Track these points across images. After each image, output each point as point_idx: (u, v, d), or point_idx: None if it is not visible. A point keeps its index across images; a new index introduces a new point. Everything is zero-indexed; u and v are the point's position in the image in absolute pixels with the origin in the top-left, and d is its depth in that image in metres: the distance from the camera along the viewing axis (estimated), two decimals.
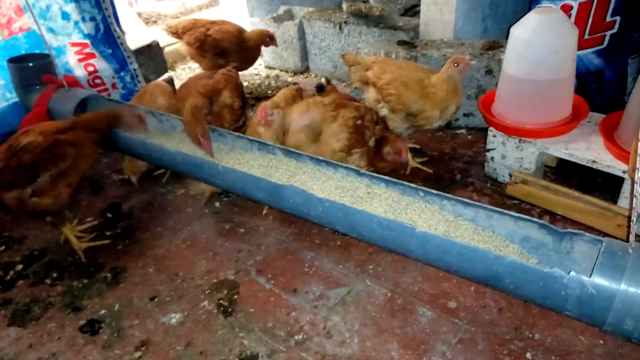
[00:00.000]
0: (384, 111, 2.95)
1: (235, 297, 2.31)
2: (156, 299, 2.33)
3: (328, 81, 3.18)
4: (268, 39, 4.08)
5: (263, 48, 4.29)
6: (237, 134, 2.65)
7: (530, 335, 2.00)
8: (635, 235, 1.59)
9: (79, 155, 2.47)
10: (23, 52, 3.55)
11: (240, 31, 4.08)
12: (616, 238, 1.72)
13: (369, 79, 2.96)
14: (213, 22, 4.12)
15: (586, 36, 2.90)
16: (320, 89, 2.95)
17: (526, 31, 2.53)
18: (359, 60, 3.10)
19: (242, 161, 2.52)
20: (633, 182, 1.53)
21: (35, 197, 2.37)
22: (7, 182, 2.34)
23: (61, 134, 2.45)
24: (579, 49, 2.71)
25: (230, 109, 2.88)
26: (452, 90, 2.75)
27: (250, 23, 5.07)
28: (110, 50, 3.76)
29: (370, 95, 3.00)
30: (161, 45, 4.54)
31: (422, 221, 1.99)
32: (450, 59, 2.77)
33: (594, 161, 2.46)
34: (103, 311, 2.29)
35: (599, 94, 3.10)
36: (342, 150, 2.53)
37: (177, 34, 4.14)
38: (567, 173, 2.89)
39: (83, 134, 2.52)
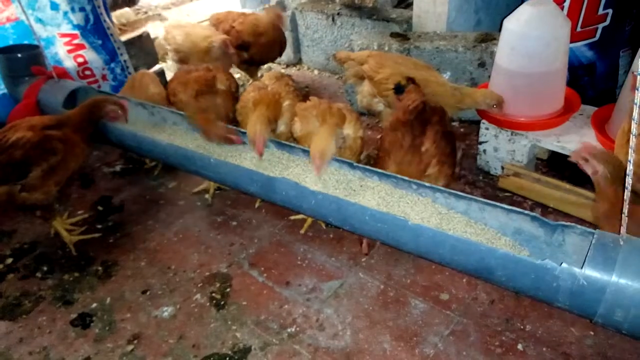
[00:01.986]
0: (380, 106, 2.93)
1: (228, 290, 2.30)
2: (148, 292, 2.32)
3: (412, 80, 2.64)
4: (276, 16, 3.88)
5: None
6: (230, 126, 2.62)
7: (522, 327, 2.02)
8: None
9: (69, 154, 2.44)
10: (11, 42, 3.49)
11: (257, 19, 3.91)
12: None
13: (365, 72, 2.93)
14: (242, 14, 4.04)
15: (578, 29, 2.90)
16: (399, 91, 2.63)
17: (519, 23, 2.53)
18: (352, 56, 3.06)
19: (235, 154, 2.51)
20: (625, 174, 1.53)
21: (25, 192, 2.35)
22: None
23: (51, 130, 2.42)
24: (571, 41, 2.71)
25: (228, 95, 2.85)
26: (456, 101, 2.70)
27: None
28: (100, 41, 3.71)
29: (365, 89, 2.97)
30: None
31: (414, 214, 2.00)
32: (493, 96, 2.66)
33: None
34: (94, 305, 2.27)
35: (591, 86, 3.10)
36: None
37: (215, 25, 4.05)
38: (558, 166, 2.90)
39: (73, 134, 2.49)
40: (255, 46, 3.89)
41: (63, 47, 3.61)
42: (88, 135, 2.58)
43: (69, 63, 3.66)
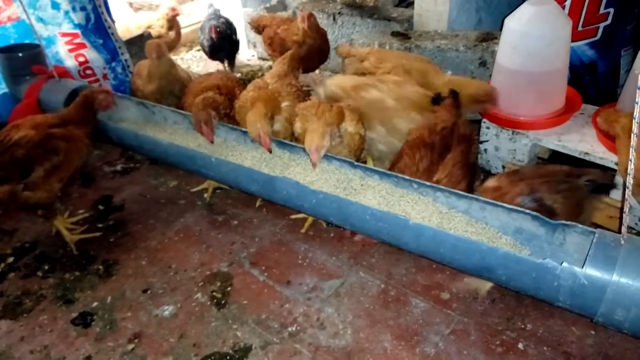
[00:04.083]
0: None
1: (229, 289, 2.30)
2: (149, 291, 2.32)
3: (454, 94, 2.50)
4: (301, 19, 3.57)
5: (256, 39, 4.20)
6: (230, 125, 2.63)
7: (523, 326, 2.02)
8: (627, 226, 1.59)
9: (72, 150, 2.45)
10: (12, 42, 3.50)
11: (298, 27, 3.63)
12: (608, 230, 1.73)
13: (366, 69, 2.93)
14: (286, 20, 3.87)
15: (580, 28, 2.90)
16: (436, 101, 2.49)
17: (520, 22, 2.52)
18: (353, 52, 3.06)
19: (235, 153, 2.51)
20: (625, 174, 1.53)
21: (28, 191, 2.35)
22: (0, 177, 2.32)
23: (53, 129, 2.42)
24: (573, 40, 2.71)
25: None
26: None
27: (243, 13, 5.02)
28: (101, 41, 3.72)
29: None
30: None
31: (415, 213, 2.00)
32: (481, 90, 2.58)
33: (586, 153, 2.46)
34: (95, 303, 2.27)
35: (592, 85, 3.10)
36: None
37: (258, 29, 3.96)
38: (559, 165, 2.89)
39: (75, 129, 2.50)
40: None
41: (64, 47, 3.62)
42: (90, 129, 2.59)
43: (70, 62, 3.66)
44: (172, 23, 4.55)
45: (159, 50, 3.04)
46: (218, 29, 3.96)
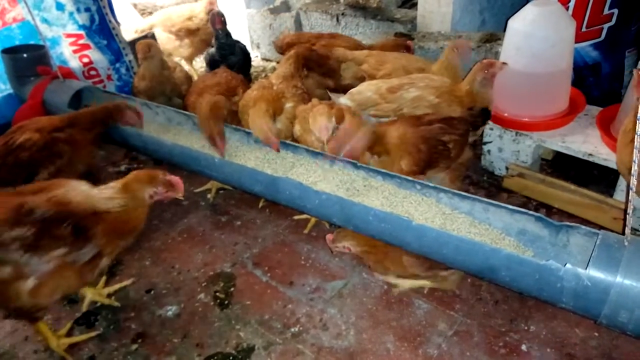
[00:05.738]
0: None
1: (232, 289, 2.31)
2: (152, 292, 2.33)
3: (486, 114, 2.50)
4: (404, 50, 3.21)
5: (259, 39, 4.12)
6: (233, 126, 2.63)
7: (526, 328, 2.01)
8: (631, 228, 1.59)
9: (76, 155, 2.45)
10: (17, 42, 3.51)
11: (358, 46, 3.27)
12: (612, 231, 1.73)
13: (365, 72, 2.92)
14: (319, 36, 3.49)
15: (584, 29, 2.89)
16: (486, 115, 2.49)
17: (524, 23, 2.52)
18: (349, 56, 3.02)
19: (239, 153, 2.52)
20: (629, 175, 1.53)
21: None
22: (3, 179, 2.32)
23: (58, 132, 2.42)
24: (577, 41, 2.70)
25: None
26: (452, 77, 2.68)
27: (246, 14, 5.03)
28: (105, 42, 3.73)
29: None
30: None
31: (418, 214, 2.00)
32: (449, 46, 2.73)
33: (590, 154, 2.46)
34: (99, 303, 2.28)
35: (596, 87, 3.09)
36: None
37: (282, 48, 3.49)
38: (563, 166, 2.89)
39: (80, 134, 2.50)
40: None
41: (68, 47, 3.64)
42: (97, 135, 2.59)
43: (74, 63, 3.68)
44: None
45: (146, 51, 3.05)
46: (222, 18, 3.56)
